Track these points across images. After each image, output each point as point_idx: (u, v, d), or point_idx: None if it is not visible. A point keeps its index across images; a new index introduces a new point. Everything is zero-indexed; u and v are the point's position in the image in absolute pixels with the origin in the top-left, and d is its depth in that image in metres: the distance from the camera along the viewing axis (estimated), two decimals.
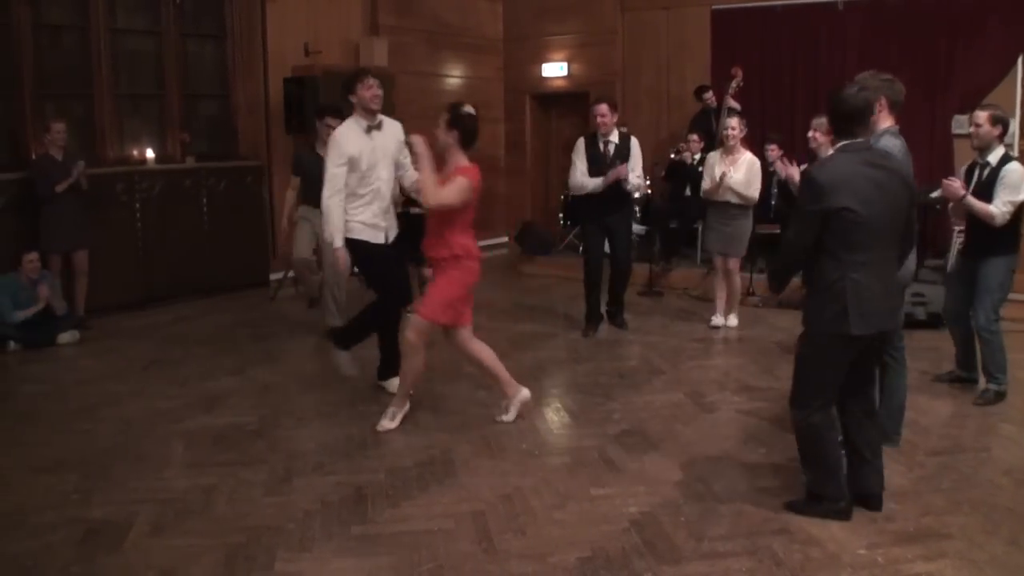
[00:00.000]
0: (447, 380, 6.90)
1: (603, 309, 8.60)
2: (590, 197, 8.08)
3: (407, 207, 8.85)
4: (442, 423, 5.97)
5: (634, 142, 8.21)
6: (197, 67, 10.62)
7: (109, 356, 7.70)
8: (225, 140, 10.82)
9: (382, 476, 5.10)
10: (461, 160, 5.56)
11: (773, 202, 9.87)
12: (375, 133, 6.19)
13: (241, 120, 10.85)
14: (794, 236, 4.38)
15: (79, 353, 7.83)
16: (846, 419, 4.53)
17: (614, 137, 8.12)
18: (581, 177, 8.04)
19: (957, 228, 8.58)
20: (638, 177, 8.13)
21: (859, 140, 4.38)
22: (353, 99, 6.21)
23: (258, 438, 5.74)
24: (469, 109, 5.60)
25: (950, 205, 6.45)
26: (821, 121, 6.99)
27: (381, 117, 6.29)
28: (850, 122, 4.38)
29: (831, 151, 6.79)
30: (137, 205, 9.42)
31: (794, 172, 7.15)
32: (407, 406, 5.96)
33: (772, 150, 10.13)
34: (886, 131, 5.06)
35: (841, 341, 4.26)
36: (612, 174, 7.81)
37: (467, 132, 5.54)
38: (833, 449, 4.46)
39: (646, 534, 4.37)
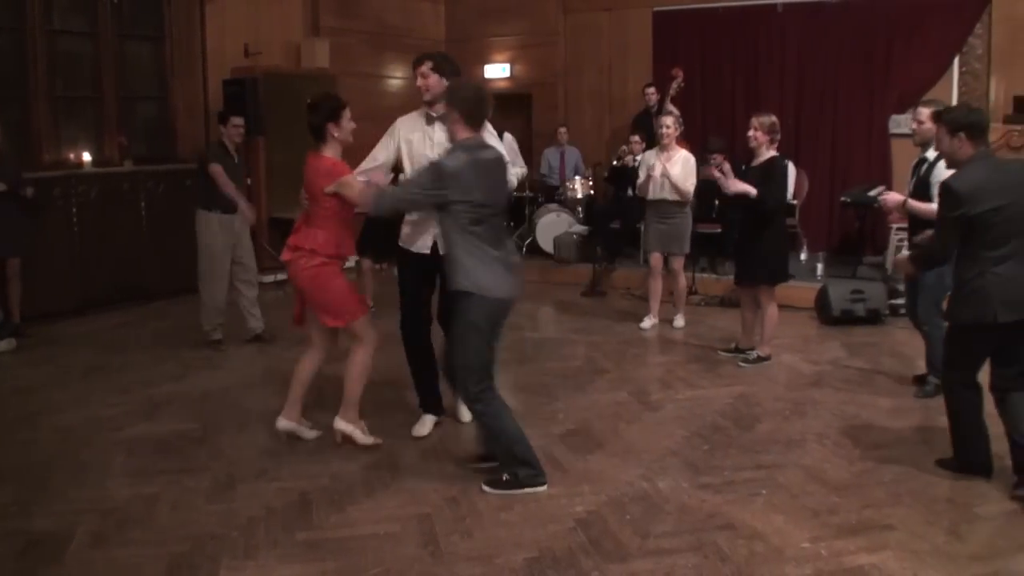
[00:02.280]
0: (391, 383, 6.87)
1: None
2: None
3: None
4: (387, 427, 5.93)
5: (508, 138, 7.97)
6: (135, 69, 10.45)
7: (47, 364, 7.55)
8: (164, 142, 10.67)
9: (327, 481, 5.06)
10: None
11: (717, 202, 9.96)
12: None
13: (180, 122, 10.71)
14: (941, 243, 4.96)
15: (16, 361, 7.67)
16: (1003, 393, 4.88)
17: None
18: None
19: (895, 226, 8.76)
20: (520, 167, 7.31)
21: (983, 148, 4.86)
22: None
23: (201, 445, 5.67)
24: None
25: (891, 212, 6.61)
26: (762, 120, 7.04)
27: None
28: (983, 132, 4.88)
29: (771, 152, 6.92)
30: (74, 209, 9.25)
31: (738, 185, 7.08)
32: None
33: (715, 158, 10.20)
34: None
35: (986, 329, 4.75)
36: None
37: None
38: (970, 418, 4.95)
39: (592, 533, 4.39)
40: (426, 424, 5.88)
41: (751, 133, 7.06)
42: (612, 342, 8.12)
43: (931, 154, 6.22)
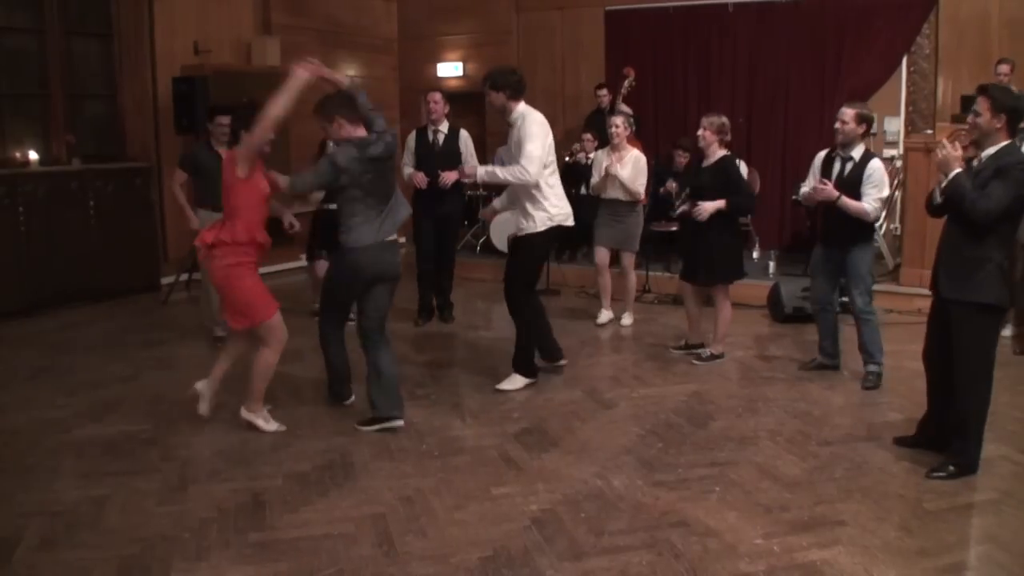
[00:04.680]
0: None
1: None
2: (421, 192, 8.28)
3: (325, 203, 8.73)
4: (340, 426, 5.91)
5: (464, 135, 8.50)
6: (82, 66, 10.30)
7: None
8: (113, 141, 10.53)
9: (280, 481, 5.03)
10: None
11: (677, 202, 9.99)
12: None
13: (129, 120, 10.57)
14: (997, 205, 4.75)
15: None
16: None
17: (444, 128, 8.44)
18: (405, 169, 8.38)
19: None
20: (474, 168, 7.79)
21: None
22: None
23: (151, 446, 5.60)
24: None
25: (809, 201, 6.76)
26: (712, 120, 7.10)
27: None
28: (1020, 121, 4.96)
29: (721, 152, 6.99)
30: (20, 209, 9.07)
31: (708, 208, 7.06)
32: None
33: (682, 157, 10.25)
34: None
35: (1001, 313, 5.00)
36: (447, 176, 7.86)
37: None
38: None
39: (547, 531, 4.39)
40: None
41: (700, 132, 7.14)
42: (566, 340, 8.08)
43: (856, 153, 6.44)
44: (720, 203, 6.97)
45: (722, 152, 7.12)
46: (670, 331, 8.37)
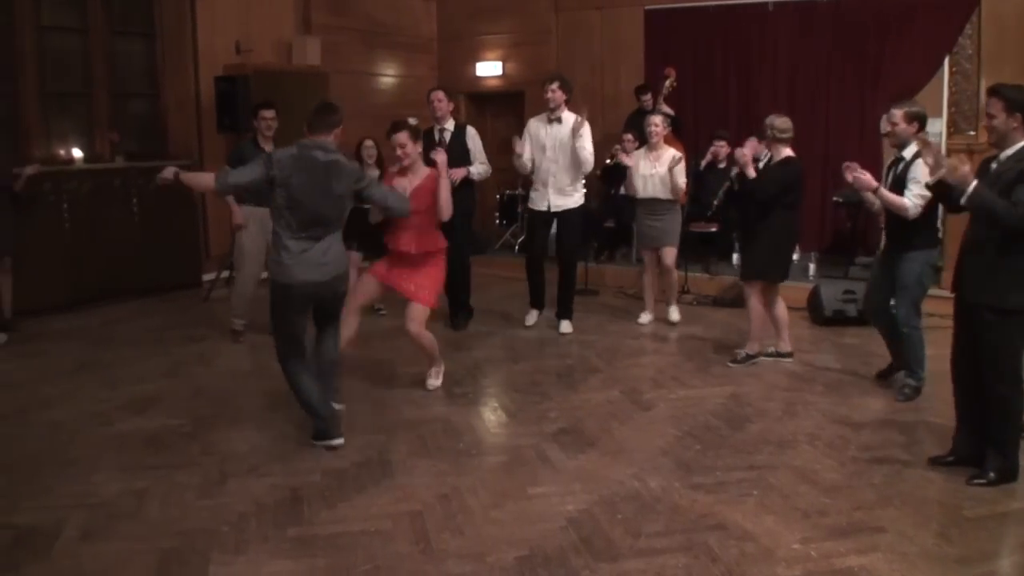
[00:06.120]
0: (383, 380, 6.88)
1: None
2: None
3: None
4: (378, 423, 5.94)
5: (471, 132, 8.50)
6: (126, 65, 10.40)
7: (37, 359, 7.52)
8: (155, 139, 10.64)
9: (318, 477, 5.06)
10: (423, 167, 6.40)
11: (715, 201, 9.95)
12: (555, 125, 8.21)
13: (171, 119, 10.67)
14: None
15: (6, 356, 7.63)
16: None
17: (449, 126, 8.43)
18: None
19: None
20: (481, 164, 8.36)
21: None
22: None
23: (191, 440, 5.65)
24: (414, 121, 6.51)
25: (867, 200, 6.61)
26: (775, 121, 7.05)
27: (561, 113, 8.21)
28: None
29: (787, 150, 6.88)
30: (65, 205, 9.21)
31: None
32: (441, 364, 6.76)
33: (722, 147, 10.21)
34: None
35: None
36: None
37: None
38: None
39: (583, 532, 4.39)
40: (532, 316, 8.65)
41: (769, 134, 7.06)
42: (604, 341, 8.11)
43: (908, 153, 6.28)
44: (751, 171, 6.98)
45: (787, 152, 7.04)
46: (710, 332, 8.34)
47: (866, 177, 6.24)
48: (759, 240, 7.07)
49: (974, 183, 4.68)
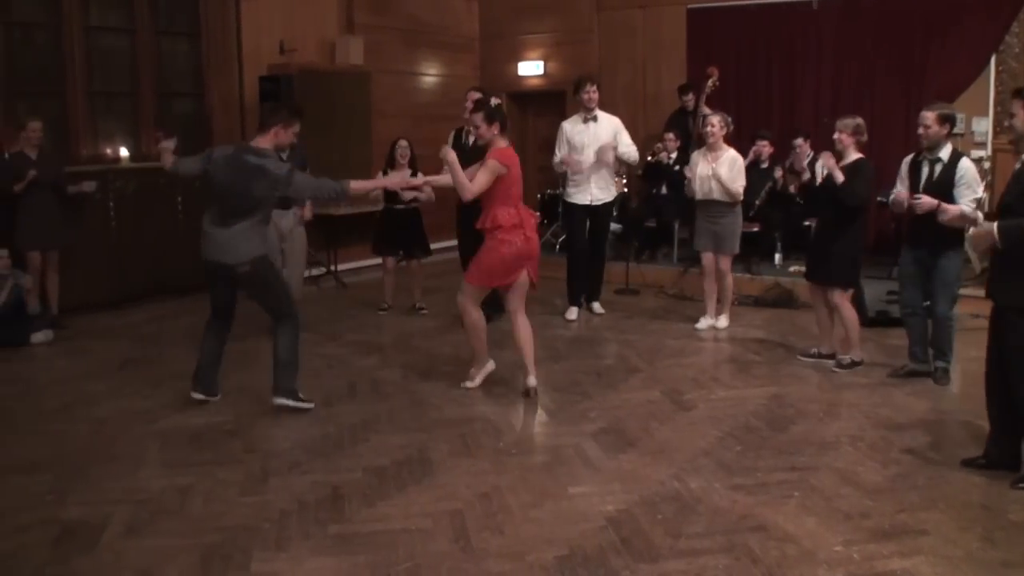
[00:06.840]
0: (424, 378, 6.91)
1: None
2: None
3: (389, 203, 8.85)
4: (419, 421, 5.97)
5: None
6: (171, 65, 10.53)
7: (83, 356, 7.64)
8: (200, 139, 10.71)
9: (359, 475, 5.08)
10: (500, 144, 6.34)
11: (757, 201, 9.90)
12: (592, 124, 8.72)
13: (216, 119, 10.78)
14: None
15: (53, 352, 7.76)
16: None
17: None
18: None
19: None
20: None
21: None
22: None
23: (234, 438, 5.71)
24: (497, 100, 6.99)
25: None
26: (846, 122, 6.88)
27: (597, 112, 8.73)
28: None
29: (857, 154, 6.81)
30: (111, 204, 9.34)
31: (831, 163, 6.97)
32: (488, 364, 6.76)
33: (764, 146, 10.14)
34: None
35: None
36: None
37: (503, 121, 6.41)
38: None
39: (623, 532, 4.38)
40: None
41: (836, 136, 6.93)
42: (645, 341, 8.09)
43: (944, 154, 6.25)
44: (837, 173, 6.78)
45: (857, 155, 6.93)
46: (752, 333, 8.29)
47: (925, 200, 6.20)
48: (837, 244, 6.95)
49: (994, 226, 4.73)
